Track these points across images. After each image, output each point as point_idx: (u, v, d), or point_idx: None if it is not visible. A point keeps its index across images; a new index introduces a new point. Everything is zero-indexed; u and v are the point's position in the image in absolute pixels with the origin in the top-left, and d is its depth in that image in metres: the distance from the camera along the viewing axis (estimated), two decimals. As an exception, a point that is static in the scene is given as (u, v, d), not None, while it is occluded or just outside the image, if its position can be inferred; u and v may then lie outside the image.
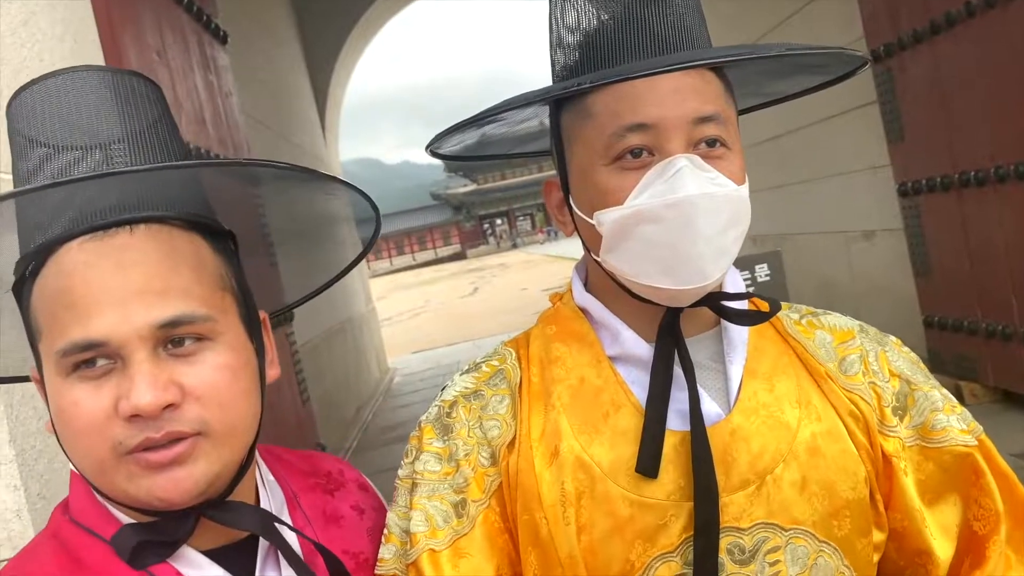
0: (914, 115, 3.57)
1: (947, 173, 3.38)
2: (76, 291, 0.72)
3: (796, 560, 0.82)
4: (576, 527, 0.83)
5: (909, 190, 3.69)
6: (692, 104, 0.80)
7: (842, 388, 0.87)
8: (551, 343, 0.93)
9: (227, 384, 0.76)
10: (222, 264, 0.80)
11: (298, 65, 7.45)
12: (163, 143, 0.79)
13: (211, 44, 3.31)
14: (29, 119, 0.77)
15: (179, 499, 0.74)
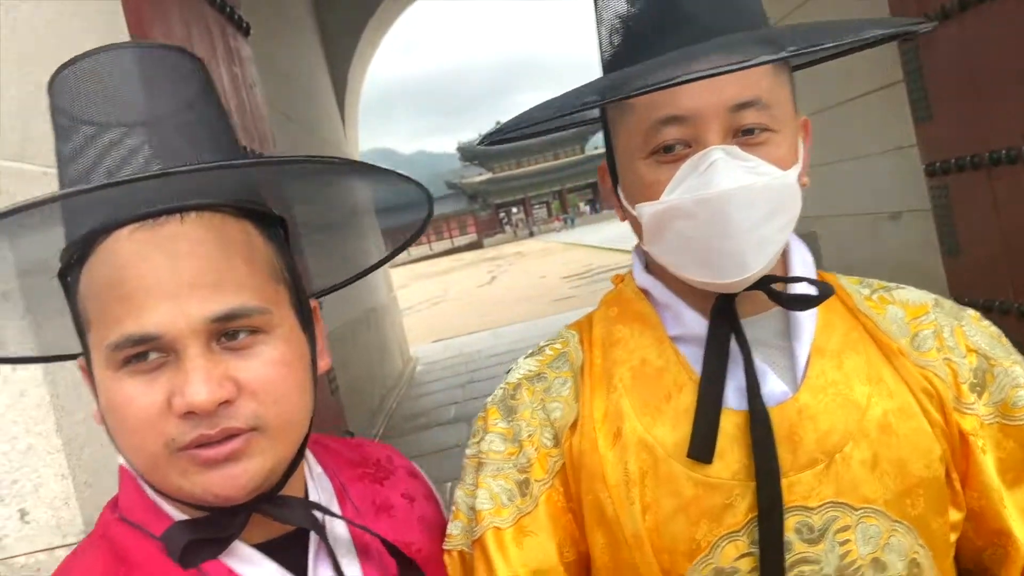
0: (942, 94, 3.52)
1: (977, 152, 3.33)
2: (129, 283, 0.70)
3: (868, 539, 0.81)
4: (641, 506, 0.83)
5: (937, 170, 3.65)
6: (730, 91, 0.78)
7: (915, 364, 0.86)
8: (613, 325, 0.93)
9: (282, 379, 0.74)
10: (274, 252, 0.79)
11: (317, 56, 7.46)
12: (206, 119, 0.78)
13: (234, 36, 3.33)
14: (71, 97, 0.75)
15: (234, 495, 0.73)
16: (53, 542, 1.41)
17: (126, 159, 0.72)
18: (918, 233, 4.25)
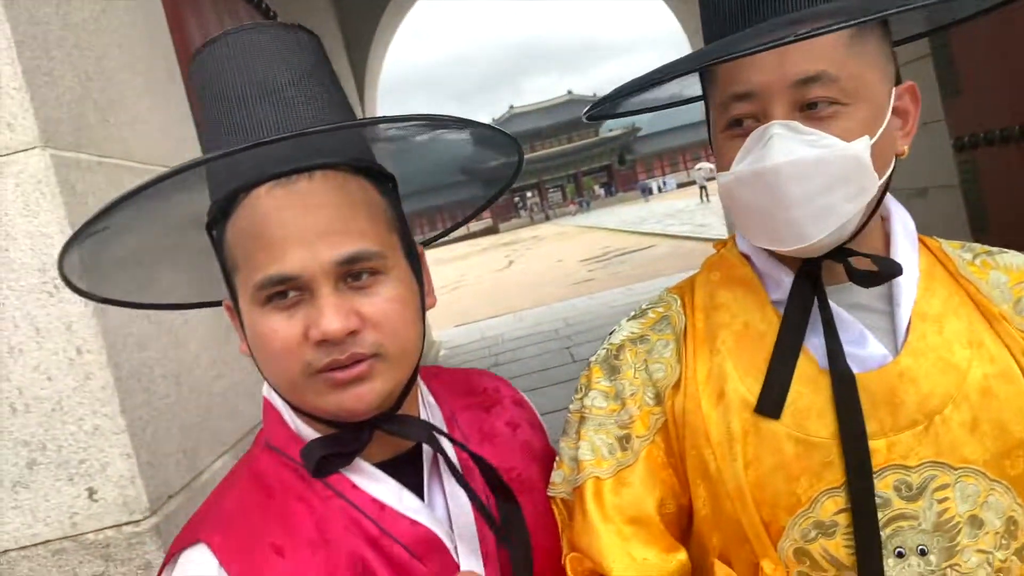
0: (971, 67, 3.50)
1: (1007, 125, 3.32)
2: (270, 233, 0.82)
3: (966, 498, 0.84)
4: (743, 463, 0.87)
5: (966, 144, 3.64)
6: (793, 67, 0.81)
7: (1017, 329, 0.88)
8: (716, 290, 0.96)
9: (398, 313, 0.86)
10: (387, 204, 0.90)
11: (336, 41, 7.49)
12: (324, 86, 0.88)
13: (262, 25, 3.37)
14: (209, 73, 0.87)
15: (361, 411, 0.85)
16: (120, 519, 1.46)
17: (259, 125, 0.83)
18: (946, 209, 4.23)
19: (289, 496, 0.89)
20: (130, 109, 1.81)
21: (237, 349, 2.11)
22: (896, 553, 0.84)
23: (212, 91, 0.87)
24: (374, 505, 0.88)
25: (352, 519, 0.87)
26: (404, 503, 0.89)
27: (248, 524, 0.86)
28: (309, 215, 0.81)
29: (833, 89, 0.81)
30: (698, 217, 23.64)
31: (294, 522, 0.87)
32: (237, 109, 0.84)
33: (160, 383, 1.63)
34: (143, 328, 1.61)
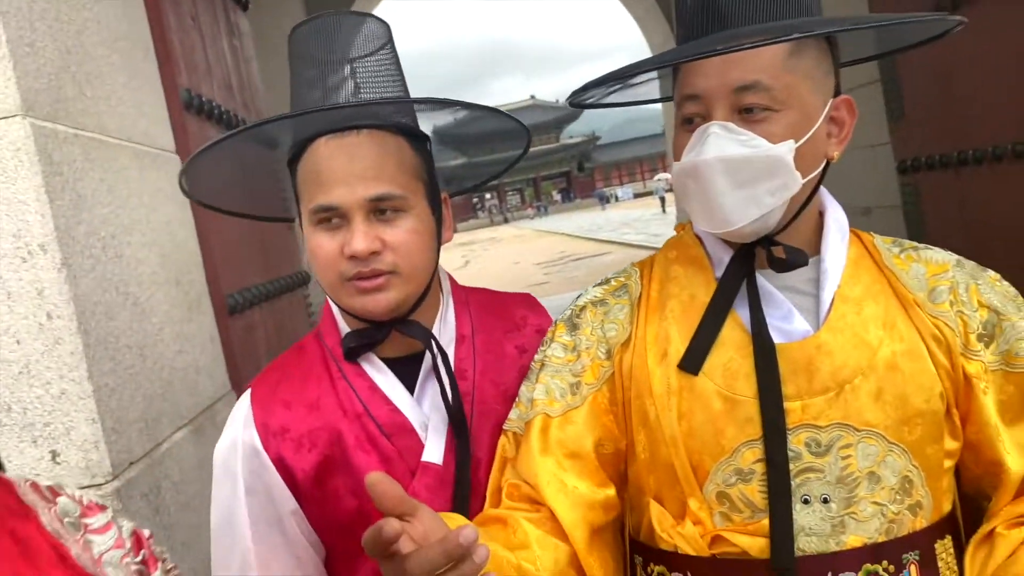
0: (916, 94, 3.68)
1: (946, 152, 3.49)
2: (323, 173, 1.09)
3: (866, 456, 0.96)
4: (678, 414, 0.98)
5: (908, 168, 3.81)
6: (734, 75, 0.94)
7: (928, 315, 1.00)
8: (671, 265, 1.08)
9: (413, 242, 1.11)
10: (418, 160, 1.14)
11: (303, 33, 7.47)
12: (386, 64, 1.16)
13: (234, 10, 3.38)
14: (302, 44, 1.15)
15: (379, 312, 1.11)
16: (82, 482, 1.50)
17: (338, 87, 1.12)
18: (888, 228, 4.43)
19: (313, 370, 1.19)
20: (106, 84, 1.84)
21: (199, 327, 2.15)
22: (803, 500, 0.96)
23: (301, 56, 1.14)
24: (369, 390, 1.15)
25: (348, 397, 1.15)
26: (394, 392, 1.15)
27: (276, 381, 1.19)
28: (352, 162, 1.07)
29: (766, 97, 0.93)
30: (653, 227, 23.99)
31: (306, 388, 1.17)
32: (321, 73, 1.12)
33: (125, 353, 1.66)
34: (111, 298, 1.64)
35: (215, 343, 2.23)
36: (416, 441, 1.13)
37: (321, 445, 1.13)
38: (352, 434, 1.13)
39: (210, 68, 2.79)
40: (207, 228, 2.29)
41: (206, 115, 2.54)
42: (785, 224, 0.99)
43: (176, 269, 2.04)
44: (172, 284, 2.00)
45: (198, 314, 2.14)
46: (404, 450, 1.13)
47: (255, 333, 2.63)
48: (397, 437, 1.13)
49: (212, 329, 2.23)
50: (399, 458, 1.13)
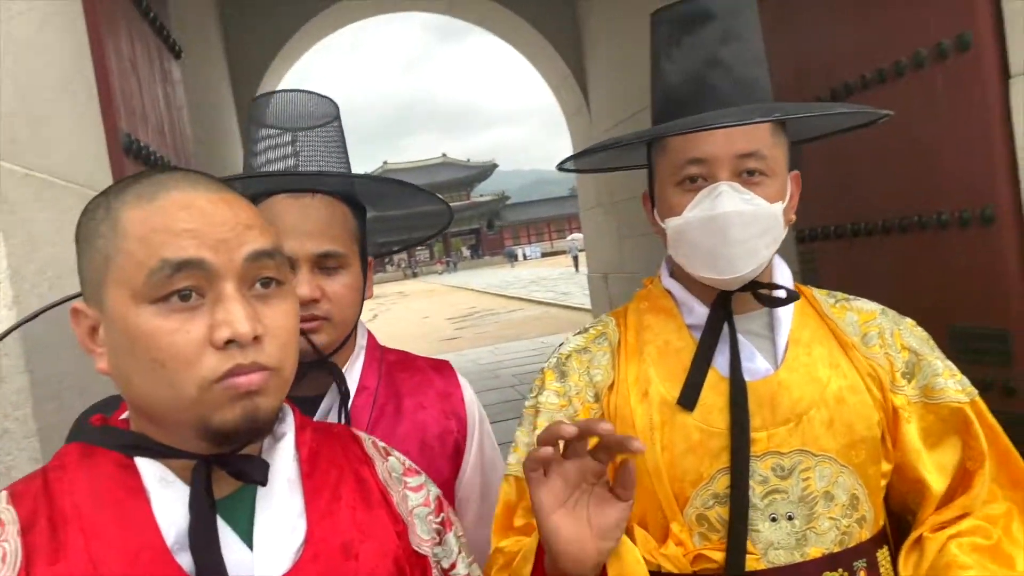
0: (813, 170, 3.97)
1: (840, 223, 3.79)
2: (277, 225, 1.18)
3: (822, 478, 1.09)
4: (660, 447, 1.09)
5: (806, 237, 4.10)
6: (736, 144, 1.10)
7: (863, 356, 1.16)
8: (644, 315, 1.20)
9: (347, 295, 1.25)
10: (356, 225, 1.29)
11: (225, 83, 7.47)
12: (331, 137, 1.30)
13: (168, 58, 3.41)
14: (259, 113, 1.29)
15: (306, 353, 1.16)
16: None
17: (287, 155, 1.26)
18: (786, 292, 4.72)
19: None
20: (55, 127, 1.87)
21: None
22: (771, 518, 1.08)
23: (258, 123, 1.28)
24: None
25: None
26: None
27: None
28: (305, 220, 1.21)
29: (762, 164, 1.09)
30: (561, 285, 24.42)
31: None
32: (273, 138, 1.27)
33: (68, 394, 1.66)
34: (57, 338, 1.65)
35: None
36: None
37: None
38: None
39: (146, 113, 2.81)
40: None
41: (143, 159, 2.56)
42: (758, 274, 1.14)
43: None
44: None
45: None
46: None
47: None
48: None
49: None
50: None
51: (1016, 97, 2.80)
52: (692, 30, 1.12)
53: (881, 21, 3.34)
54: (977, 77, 2.95)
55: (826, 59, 3.72)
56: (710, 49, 1.10)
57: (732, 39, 1.11)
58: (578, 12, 8.51)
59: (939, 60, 3.06)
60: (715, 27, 1.11)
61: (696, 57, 1.11)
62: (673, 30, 1.14)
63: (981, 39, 2.89)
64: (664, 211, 1.16)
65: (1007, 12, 2.76)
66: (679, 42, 1.12)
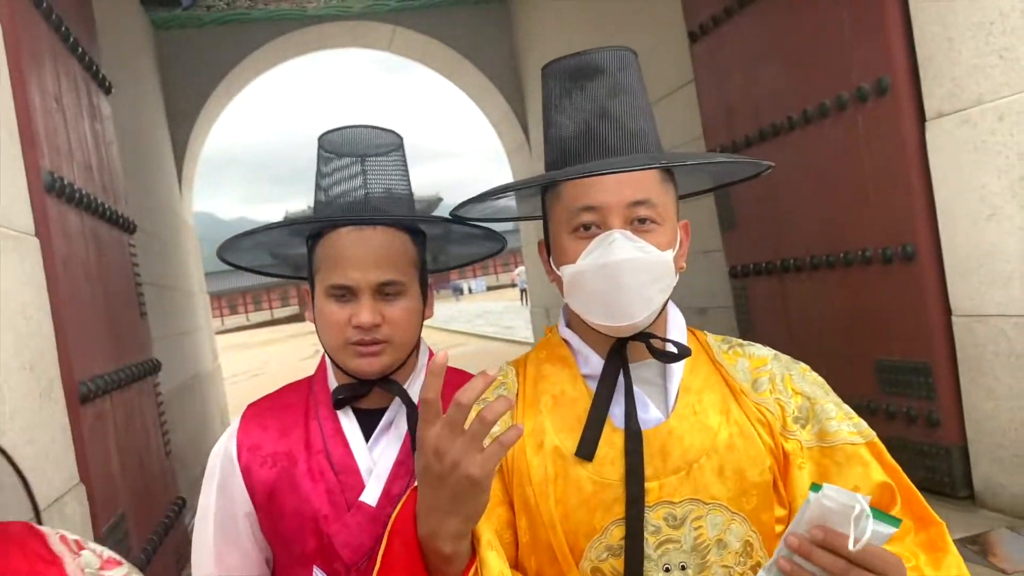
0: (744, 207, 4.09)
1: (771, 259, 3.89)
2: (342, 258, 1.30)
3: (714, 526, 1.09)
4: (555, 499, 1.07)
5: (739, 272, 4.19)
6: (627, 192, 1.10)
7: (753, 402, 1.16)
8: (542, 364, 1.19)
9: (407, 319, 1.33)
10: (416, 252, 1.37)
11: (160, 117, 7.34)
12: (396, 164, 1.41)
13: (97, 93, 3.34)
14: (333, 147, 1.38)
15: (372, 373, 1.32)
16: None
17: (355, 176, 1.37)
18: (722, 327, 4.81)
19: (294, 405, 1.41)
20: (-30, 165, 1.81)
21: (51, 415, 2.08)
22: (664, 568, 1.08)
23: (327, 151, 1.38)
24: (333, 431, 1.36)
25: (314, 434, 1.36)
26: (353, 436, 1.35)
27: (264, 406, 1.43)
28: (367, 251, 1.30)
29: (652, 212, 1.10)
30: (506, 319, 24.45)
31: (283, 417, 1.39)
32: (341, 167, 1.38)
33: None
34: (-34, 384, 1.58)
35: (65, 432, 2.14)
36: (359, 481, 1.32)
37: (280, 466, 1.34)
38: (307, 464, 1.34)
39: (72, 151, 2.74)
40: (62, 313, 2.23)
41: (67, 198, 2.50)
42: (652, 321, 1.15)
43: (30, 354, 1.97)
44: (26, 370, 1.93)
45: (49, 402, 2.06)
46: (347, 486, 1.32)
47: (105, 422, 2.53)
48: (344, 474, 1.32)
49: (63, 418, 2.14)
50: (340, 492, 1.31)
51: (932, 139, 2.93)
52: (582, 83, 1.14)
53: (806, 65, 3.47)
54: (896, 120, 3.08)
55: (754, 101, 3.84)
56: (599, 102, 1.13)
57: (620, 92, 1.13)
58: (517, 50, 8.64)
59: (860, 103, 3.19)
60: (604, 81, 1.13)
61: (586, 109, 1.13)
62: (564, 83, 1.16)
63: (898, 84, 3.03)
64: (559, 259, 1.16)
65: (921, 58, 2.90)
66: (570, 94, 1.15)
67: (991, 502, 2.87)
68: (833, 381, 1.27)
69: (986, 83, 2.63)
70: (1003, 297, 2.69)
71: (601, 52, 1.15)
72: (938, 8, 2.76)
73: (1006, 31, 2.52)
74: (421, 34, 8.56)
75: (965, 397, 2.93)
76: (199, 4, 7.33)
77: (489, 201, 1.25)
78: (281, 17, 8.07)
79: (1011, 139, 2.56)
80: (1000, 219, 2.65)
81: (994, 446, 2.82)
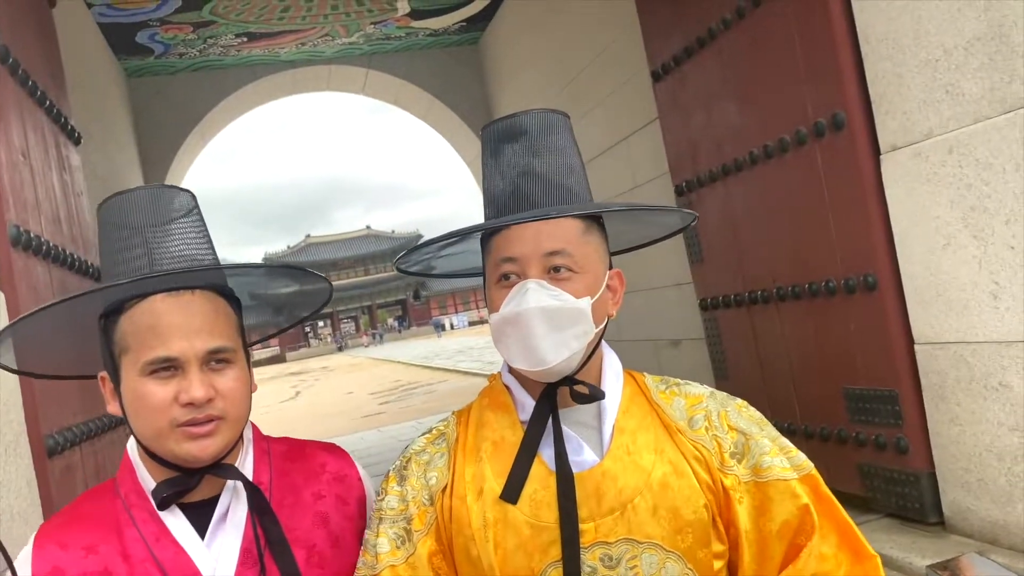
0: (711, 241, 4.15)
1: (739, 291, 3.94)
2: (161, 328, 1.15)
3: (650, 565, 1.11)
4: (493, 544, 1.10)
5: (708, 305, 4.24)
6: (545, 243, 1.16)
7: (689, 439, 1.19)
8: (484, 411, 1.22)
9: (239, 389, 1.20)
10: (236, 318, 1.25)
11: (133, 163, 7.36)
12: (195, 227, 1.25)
13: (66, 145, 3.37)
14: (111, 213, 1.22)
15: (206, 457, 1.16)
16: None
17: (142, 255, 1.18)
18: (695, 359, 4.85)
19: (100, 515, 1.20)
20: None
21: (16, 471, 2.07)
22: None
23: (112, 224, 1.21)
24: (157, 534, 1.18)
25: (134, 542, 1.17)
26: (184, 536, 1.18)
27: (60, 523, 1.22)
28: (190, 318, 1.16)
29: (569, 261, 1.15)
30: (487, 355, 24.42)
31: (87, 532, 1.18)
32: (134, 236, 1.20)
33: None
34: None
35: (32, 487, 2.13)
36: None
37: None
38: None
39: (39, 203, 2.76)
40: (29, 366, 2.22)
41: (33, 250, 2.51)
42: (580, 366, 1.18)
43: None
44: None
45: (15, 456, 2.05)
46: None
47: (74, 475, 2.52)
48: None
49: (29, 472, 2.13)
50: None
51: (887, 172, 3.00)
52: (509, 145, 1.21)
53: (764, 102, 3.56)
54: (852, 153, 3.16)
55: (716, 137, 3.93)
56: (524, 160, 1.19)
57: (544, 152, 1.20)
58: (488, 91, 8.77)
59: (817, 138, 3.27)
60: (527, 142, 1.20)
61: (513, 165, 1.19)
62: (494, 143, 1.22)
63: (853, 118, 3.11)
64: (490, 308, 1.21)
65: (874, 94, 2.98)
66: (499, 155, 1.22)
67: (961, 527, 2.90)
68: (803, 410, 1.30)
69: (935, 117, 2.71)
70: (961, 324, 2.75)
71: (527, 115, 1.22)
72: (887, 45, 2.86)
73: (951, 68, 2.61)
74: (394, 77, 8.67)
75: (931, 423, 2.97)
76: (171, 52, 7.40)
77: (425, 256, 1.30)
78: (254, 63, 8.15)
79: (960, 171, 2.64)
80: (955, 248, 2.71)
81: (961, 471, 2.86)
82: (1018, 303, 2.52)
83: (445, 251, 1.33)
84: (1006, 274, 2.54)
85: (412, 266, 1.35)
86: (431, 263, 1.38)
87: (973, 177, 2.60)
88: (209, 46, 7.43)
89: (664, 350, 5.33)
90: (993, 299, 2.61)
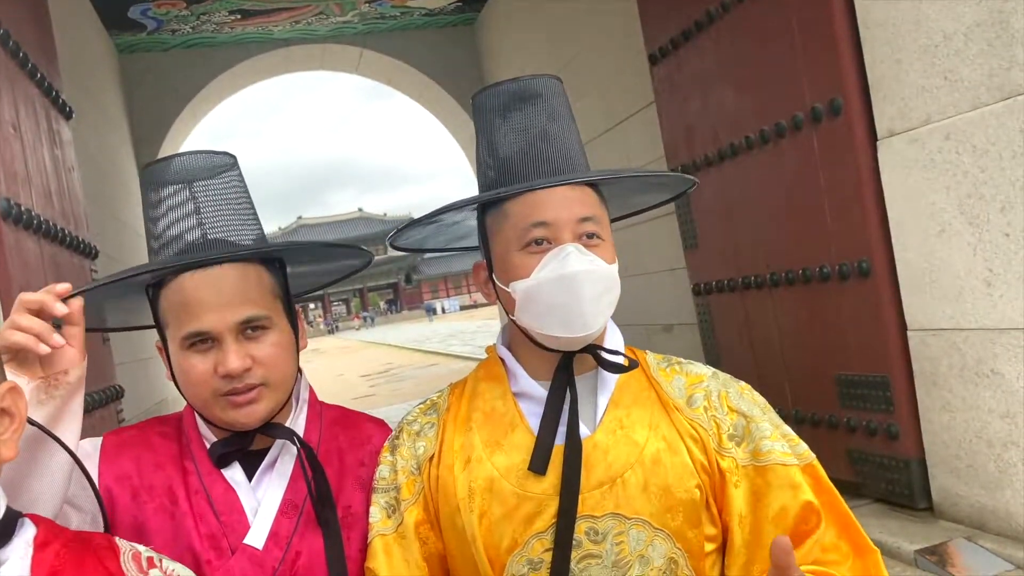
0: (705, 226, 4.15)
1: (732, 277, 3.94)
2: (192, 304, 1.17)
3: (636, 541, 1.10)
4: (478, 513, 1.10)
5: (701, 290, 4.24)
6: (576, 209, 1.15)
7: (686, 418, 1.18)
8: (478, 382, 1.21)
9: (279, 354, 1.21)
10: (274, 281, 1.26)
11: (124, 140, 7.30)
12: (232, 186, 1.28)
13: (57, 119, 3.33)
14: (157, 175, 1.25)
15: (251, 423, 1.20)
16: None
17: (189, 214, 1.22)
18: (687, 343, 4.85)
19: (166, 441, 1.28)
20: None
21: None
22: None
23: (156, 184, 1.23)
24: (210, 469, 1.23)
25: (189, 471, 1.24)
26: (233, 475, 1.24)
27: (126, 437, 1.28)
28: (220, 292, 1.18)
29: (598, 227, 1.15)
30: (479, 339, 24.41)
31: (153, 449, 1.25)
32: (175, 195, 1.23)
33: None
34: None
35: (21, 462, 2.12)
36: (242, 522, 1.22)
37: (157, 502, 1.22)
38: (187, 503, 1.22)
39: (30, 177, 2.73)
40: (19, 341, 2.20)
41: (24, 224, 2.48)
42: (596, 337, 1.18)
43: (-16, 384, 1.95)
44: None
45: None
46: (229, 529, 1.21)
47: (64, 451, 2.51)
48: (227, 515, 1.22)
49: (19, 447, 2.12)
50: (223, 535, 1.20)
51: (884, 158, 3.00)
52: (522, 107, 1.19)
53: (762, 86, 3.54)
54: (849, 139, 3.15)
55: (713, 122, 3.91)
56: (541, 123, 1.18)
57: (557, 117, 1.20)
58: (483, 73, 8.71)
59: (814, 124, 3.26)
60: (543, 104, 1.19)
61: (529, 128, 1.18)
62: (504, 104, 1.20)
63: (850, 104, 3.10)
64: (509, 276, 1.18)
65: (872, 80, 2.97)
66: (509, 118, 1.20)
67: (949, 513, 2.92)
68: (795, 396, 1.29)
69: (933, 104, 2.70)
70: (954, 311, 2.76)
71: (537, 79, 1.21)
72: (886, 31, 2.84)
73: (950, 54, 2.60)
74: (388, 57, 8.60)
75: (922, 410, 2.99)
76: (164, 28, 7.32)
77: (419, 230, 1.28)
78: (247, 40, 8.07)
79: (957, 158, 2.64)
80: (949, 235, 2.72)
81: (951, 457, 2.88)
82: (1012, 290, 2.53)
83: (446, 220, 1.31)
84: (1000, 261, 2.55)
85: (407, 240, 1.33)
86: (425, 239, 1.36)
87: (970, 164, 2.59)
88: (202, 23, 7.36)
89: (656, 335, 5.33)
90: (987, 286, 2.61)
